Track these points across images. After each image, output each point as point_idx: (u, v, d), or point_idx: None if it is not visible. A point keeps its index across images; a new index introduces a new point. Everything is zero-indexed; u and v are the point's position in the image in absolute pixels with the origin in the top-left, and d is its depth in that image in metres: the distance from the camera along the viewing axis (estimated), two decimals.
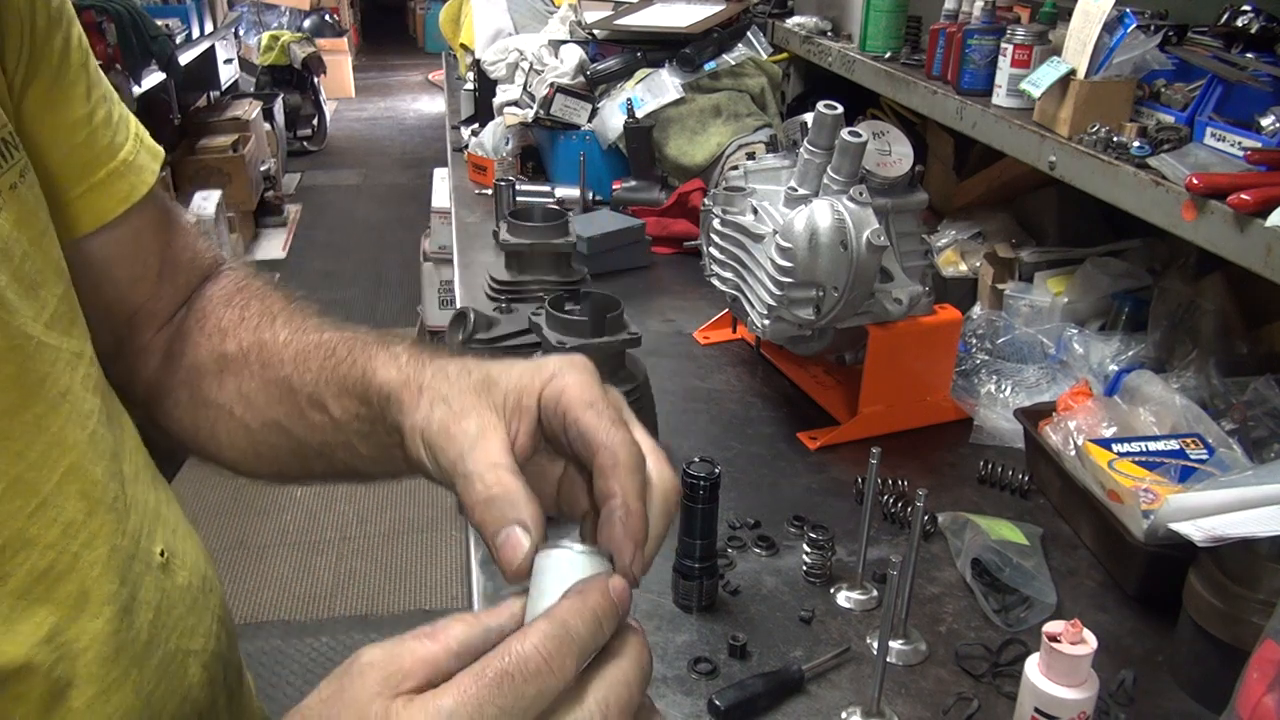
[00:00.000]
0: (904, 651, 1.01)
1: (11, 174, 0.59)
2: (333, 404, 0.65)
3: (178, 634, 0.67)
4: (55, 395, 0.59)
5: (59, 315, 0.61)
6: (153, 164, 0.73)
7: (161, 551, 0.68)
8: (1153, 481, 1.08)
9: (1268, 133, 1.10)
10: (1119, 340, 1.44)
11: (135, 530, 0.65)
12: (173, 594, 0.68)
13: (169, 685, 0.65)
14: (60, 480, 0.59)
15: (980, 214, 1.85)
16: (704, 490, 1.01)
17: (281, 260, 5.43)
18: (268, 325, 0.73)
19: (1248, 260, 1.01)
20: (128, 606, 0.62)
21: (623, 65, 2.31)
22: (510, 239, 1.62)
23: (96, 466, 0.62)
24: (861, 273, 1.24)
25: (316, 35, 8.25)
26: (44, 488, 0.57)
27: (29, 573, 0.56)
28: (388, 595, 2.92)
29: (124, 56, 3.90)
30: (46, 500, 0.57)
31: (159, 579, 0.66)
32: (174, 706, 0.65)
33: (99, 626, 0.59)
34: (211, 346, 0.74)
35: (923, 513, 0.97)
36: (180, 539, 0.72)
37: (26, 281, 0.58)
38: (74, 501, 0.59)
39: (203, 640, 0.70)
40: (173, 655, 0.66)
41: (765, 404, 1.51)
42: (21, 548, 0.56)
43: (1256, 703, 0.76)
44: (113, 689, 0.60)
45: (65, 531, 0.58)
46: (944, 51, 1.63)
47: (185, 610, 0.69)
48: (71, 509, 0.59)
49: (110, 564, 0.61)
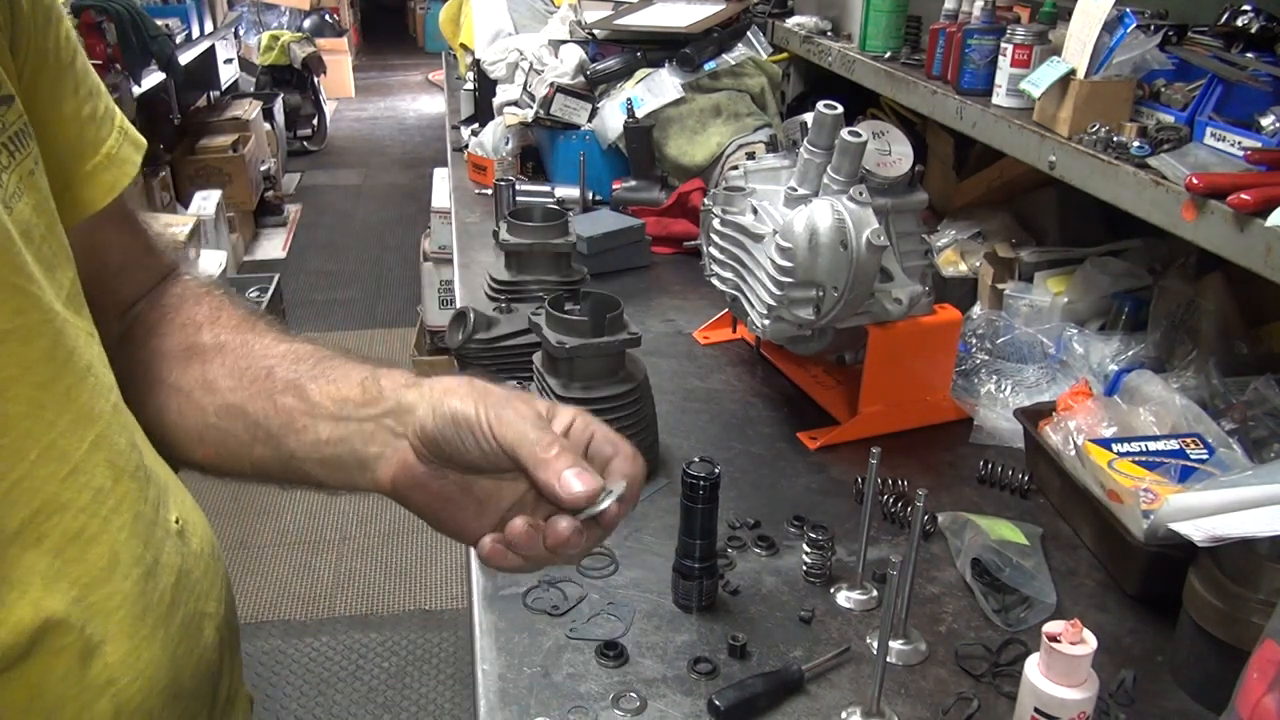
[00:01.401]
0: (904, 651, 1.01)
1: (29, 161, 0.62)
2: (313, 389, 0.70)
3: (195, 597, 0.71)
4: (82, 368, 0.63)
5: (74, 295, 0.65)
6: (135, 156, 0.76)
7: (177, 519, 0.71)
8: (1153, 481, 1.08)
9: (1268, 133, 1.10)
10: (1119, 340, 1.44)
11: (155, 498, 0.68)
12: (189, 559, 0.71)
13: (189, 644, 0.69)
14: (89, 448, 0.62)
15: (980, 214, 1.85)
16: (704, 490, 1.01)
17: (281, 260, 5.42)
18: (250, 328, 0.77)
19: (1248, 260, 1.01)
20: (151, 570, 0.66)
21: (623, 65, 2.31)
22: (510, 239, 1.62)
23: (120, 437, 0.65)
24: (861, 273, 1.24)
25: (316, 35, 8.25)
26: (75, 455, 0.61)
27: (63, 534, 0.59)
28: (388, 595, 2.92)
29: (124, 56, 3.90)
30: (77, 467, 0.61)
31: (178, 544, 0.70)
32: (193, 664, 0.69)
33: (128, 588, 0.63)
34: (183, 337, 0.77)
35: (923, 513, 0.97)
36: (190, 509, 0.76)
37: (46, 263, 0.62)
38: (102, 469, 0.63)
39: (215, 604, 0.74)
40: (192, 617, 0.70)
41: (765, 404, 1.51)
42: (56, 511, 0.59)
43: (1256, 703, 0.76)
44: (143, 645, 0.64)
45: (95, 497, 0.62)
46: (944, 51, 1.63)
47: (200, 575, 0.72)
48: (100, 476, 0.62)
49: (135, 529, 0.65)
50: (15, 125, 0.61)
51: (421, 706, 2.50)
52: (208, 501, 3.35)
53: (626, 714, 0.93)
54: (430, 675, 2.61)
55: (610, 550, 1.16)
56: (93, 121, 0.71)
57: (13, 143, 0.61)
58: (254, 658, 2.63)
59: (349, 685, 2.56)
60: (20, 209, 0.60)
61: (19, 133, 0.61)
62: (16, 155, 0.61)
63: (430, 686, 2.57)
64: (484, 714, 0.93)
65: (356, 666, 2.63)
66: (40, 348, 0.59)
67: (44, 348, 0.59)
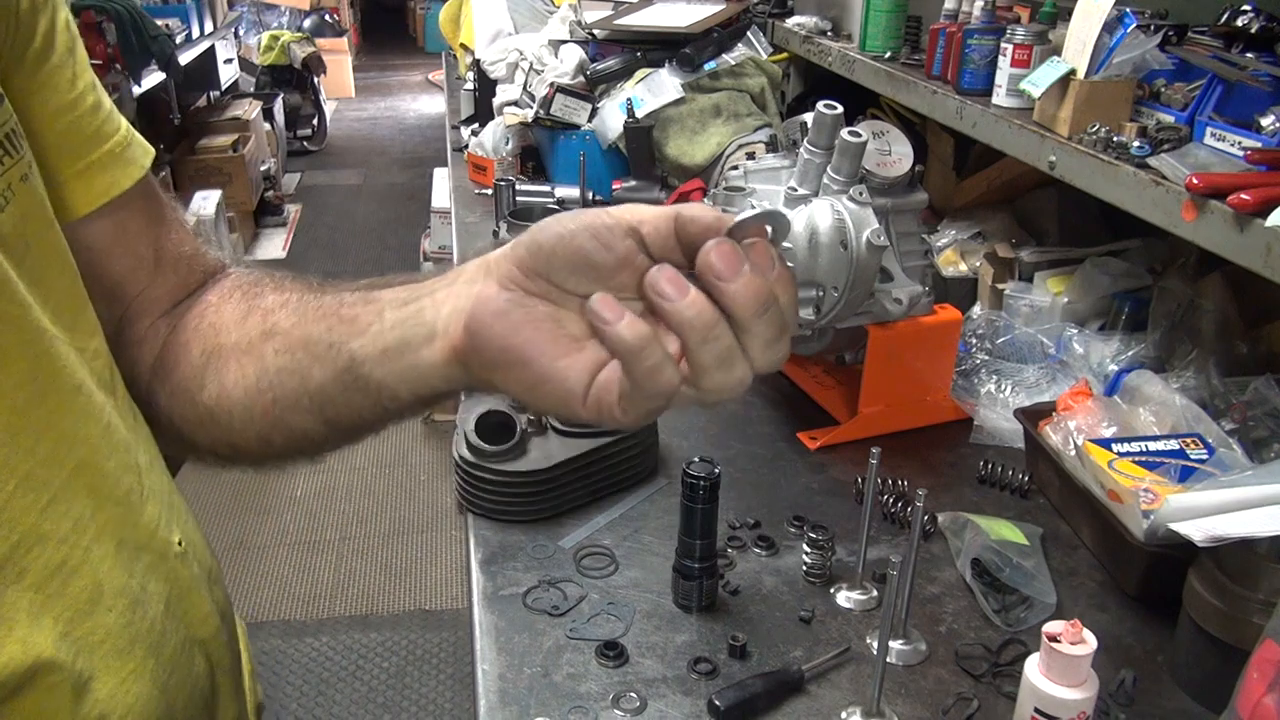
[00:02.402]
0: (904, 651, 1.01)
1: (21, 165, 0.60)
2: (384, 292, 0.63)
3: (186, 624, 0.68)
4: (69, 390, 0.60)
5: (67, 308, 0.62)
6: (143, 157, 0.74)
7: (180, 540, 0.69)
8: (1153, 481, 1.08)
9: (1268, 132, 1.10)
10: (1119, 340, 1.44)
11: (151, 521, 0.66)
12: (182, 584, 0.69)
13: (181, 674, 0.67)
14: (69, 476, 0.59)
15: (980, 214, 1.85)
16: (704, 490, 1.01)
17: (282, 260, 5.43)
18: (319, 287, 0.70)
19: (1248, 260, 1.01)
20: (138, 599, 0.63)
21: (623, 65, 2.31)
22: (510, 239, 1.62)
23: (109, 460, 0.63)
24: (861, 273, 1.24)
25: (316, 35, 8.24)
26: (55, 483, 0.58)
27: (44, 567, 0.57)
28: (388, 595, 2.92)
29: (124, 56, 3.90)
30: (56, 496, 0.58)
31: (174, 568, 0.68)
32: (186, 694, 0.67)
33: (112, 620, 0.61)
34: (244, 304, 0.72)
35: (923, 513, 0.97)
36: (192, 529, 0.73)
37: (35, 274, 0.59)
38: (82, 497, 0.60)
39: (208, 629, 0.72)
40: (183, 644, 0.67)
41: (765, 404, 1.51)
42: (36, 543, 0.57)
43: (1256, 703, 0.76)
44: (131, 679, 0.61)
45: (75, 526, 0.59)
46: (944, 51, 1.63)
47: (193, 601, 0.70)
48: (80, 504, 0.60)
49: (119, 558, 0.62)
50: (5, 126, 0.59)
51: (421, 706, 2.50)
52: (208, 501, 3.36)
53: (626, 714, 0.93)
54: (430, 675, 2.61)
55: (610, 550, 1.16)
56: (95, 113, 0.69)
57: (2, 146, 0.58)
58: (254, 658, 2.63)
59: (349, 685, 2.56)
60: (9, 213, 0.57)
61: (9, 134, 0.59)
62: (5, 161, 0.58)
63: (430, 686, 2.57)
64: (484, 714, 0.93)
65: (356, 666, 2.63)
66: (20, 371, 0.56)
67: (24, 370, 0.57)
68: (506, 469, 1.19)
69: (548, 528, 1.20)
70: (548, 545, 1.17)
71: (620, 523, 1.22)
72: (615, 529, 1.21)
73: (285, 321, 0.68)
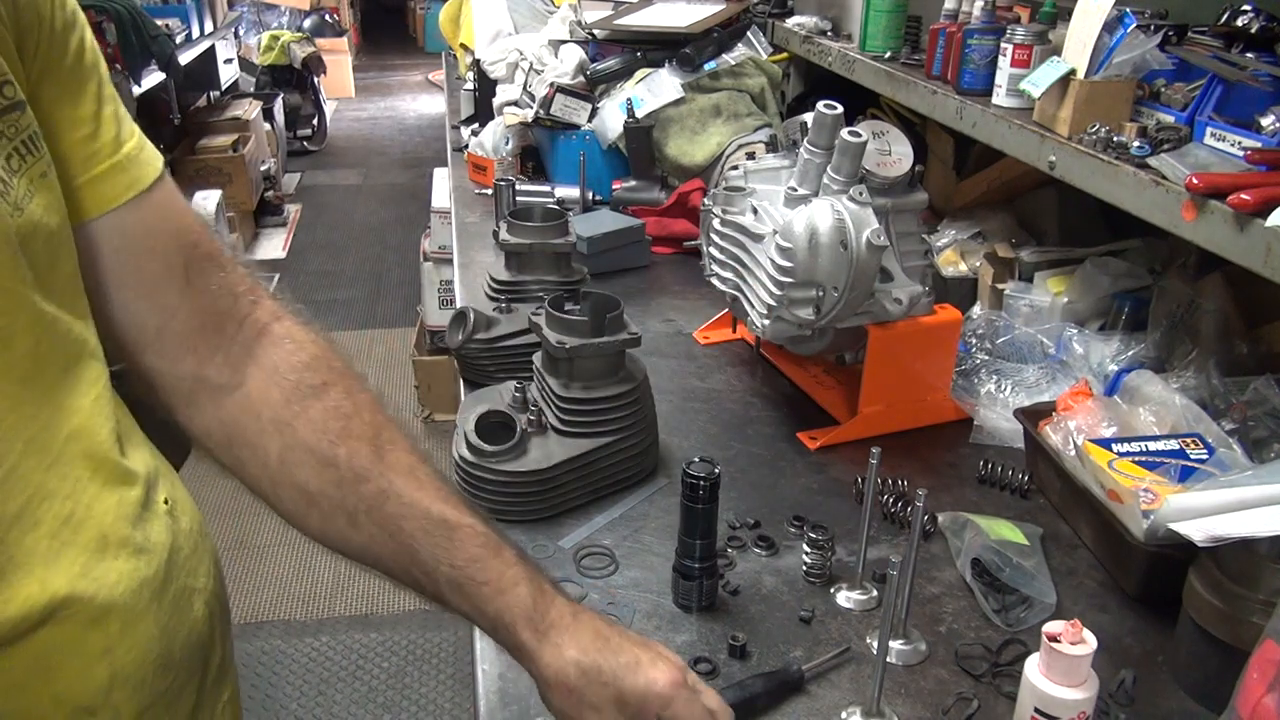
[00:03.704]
0: (904, 651, 1.01)
1: (41, 164, 0.66)
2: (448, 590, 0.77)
3: (185, 573, 0.75)
4: (66, 363, 0.67)
5: (68, 292, 0.69)
6: (155, 162, 0.78)
7: (166, 500, 0.76)
8: (1153, 481, 1.08)
9: (1268, 132, 1.10)
10: (1119, 340, 1.44)
11: (145, 481, 0.73)
12: (179, 537, 0.76)
13: (179, 618, 0.74)
14: (65, 441, 0.66)
15: (980, 214, 1.85)
16: (704, 490, 1.01)
17: (281, 260, 5.42)
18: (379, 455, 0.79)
19: (1248, 260, 1.01)
20: (142, 547, 0.70)
21: (623, 65, 2.31)
22: (510, 239, 1.62)
23: (102, 428, 0.69)
24: (861, 273, 1.24)
25: (316, 35, 8.24)
26: (54, 447, 0.65)
27: (55, 518, 0.64)
28: (388, 595, 2.92)
29: (124, 56, 3.90)
30: (57, 458, 0.65)
31: (168, 523, 0.75)
32: (183, 637, 0.74)
33: (121, 565, 0.68)
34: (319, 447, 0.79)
35: (923, 513, 0.97)
36: (178, 489, 0.80)
37: (48, 261, 0.66)
38: (79, 461, 0.67)
39: (205, 579, 0.79)
40: (182, 592, 0.75)
41: (765, 404, 1.51)
42: (45, 498, 0.64)
43: (1256, 703, 0.76)
44: (137, 620, 0.69)
45: (76, 485, 0.66)
46: (944, 51, 1.63)
47: (190, 552, 0.77)
48: (78, 467, 0.67)
49: (120, 513, 0.69)
50: (27, 130, 0.65)
51: (421, 706, 2.50)
52: (208, 501, 3.35)
53: None
54: (430, 675, 2.61)
55: (610, 550, 1.16)
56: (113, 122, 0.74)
57: (25, 146, 0.64)
58: (254, 658, 2.63)
59: (349, 685, 2.56)
60: (32, 209, 0.64)
61: (31, 137, 0.65)
62: (28, 159, 0.64)
63: (430, 686, 2.57)
64: (484, 714, 0.93)
65: (356, 666, 2.63)
66: (25, 345, 0.63)
67: (28, 345, 0.63)
68: (506, 469, 1.19)
69: (548, 528, 1.20)
70: (548, 545, 1.17)
71: (620, 523, 1.22)
72: (615, 529, 1.21)
73: (400, 496, 0.78)
